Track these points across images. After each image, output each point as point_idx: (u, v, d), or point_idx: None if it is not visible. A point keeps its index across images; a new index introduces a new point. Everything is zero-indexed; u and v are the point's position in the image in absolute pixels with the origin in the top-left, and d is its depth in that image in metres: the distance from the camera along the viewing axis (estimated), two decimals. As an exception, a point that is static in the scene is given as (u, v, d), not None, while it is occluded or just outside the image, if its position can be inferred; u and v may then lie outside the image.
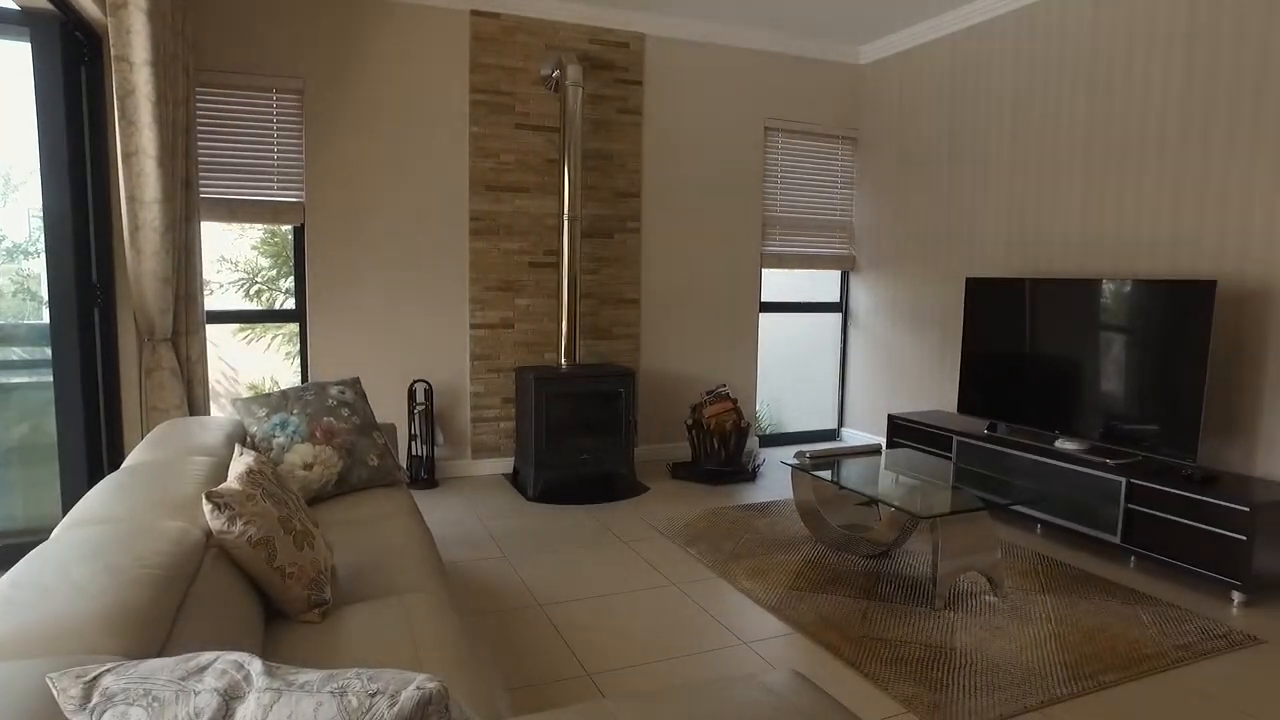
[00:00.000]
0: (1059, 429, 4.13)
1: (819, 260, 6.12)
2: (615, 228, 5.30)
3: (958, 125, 5.20)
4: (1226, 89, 3.72)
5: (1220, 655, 2.83)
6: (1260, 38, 3.59)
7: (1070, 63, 4.45)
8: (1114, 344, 3.92)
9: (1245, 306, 3.67)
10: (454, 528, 4.05)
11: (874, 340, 6.01)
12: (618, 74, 5.21)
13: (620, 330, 5.39)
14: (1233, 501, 3.25)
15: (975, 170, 5.08)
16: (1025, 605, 3.18)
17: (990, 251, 4.98)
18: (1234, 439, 3.73)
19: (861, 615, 3.06)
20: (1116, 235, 4.22)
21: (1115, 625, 3.02)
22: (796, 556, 3.67)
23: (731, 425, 5.01)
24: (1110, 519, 3.69)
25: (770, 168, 5.83)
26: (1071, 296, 4.13)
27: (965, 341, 4.71)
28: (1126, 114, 4.16)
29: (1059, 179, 4.53)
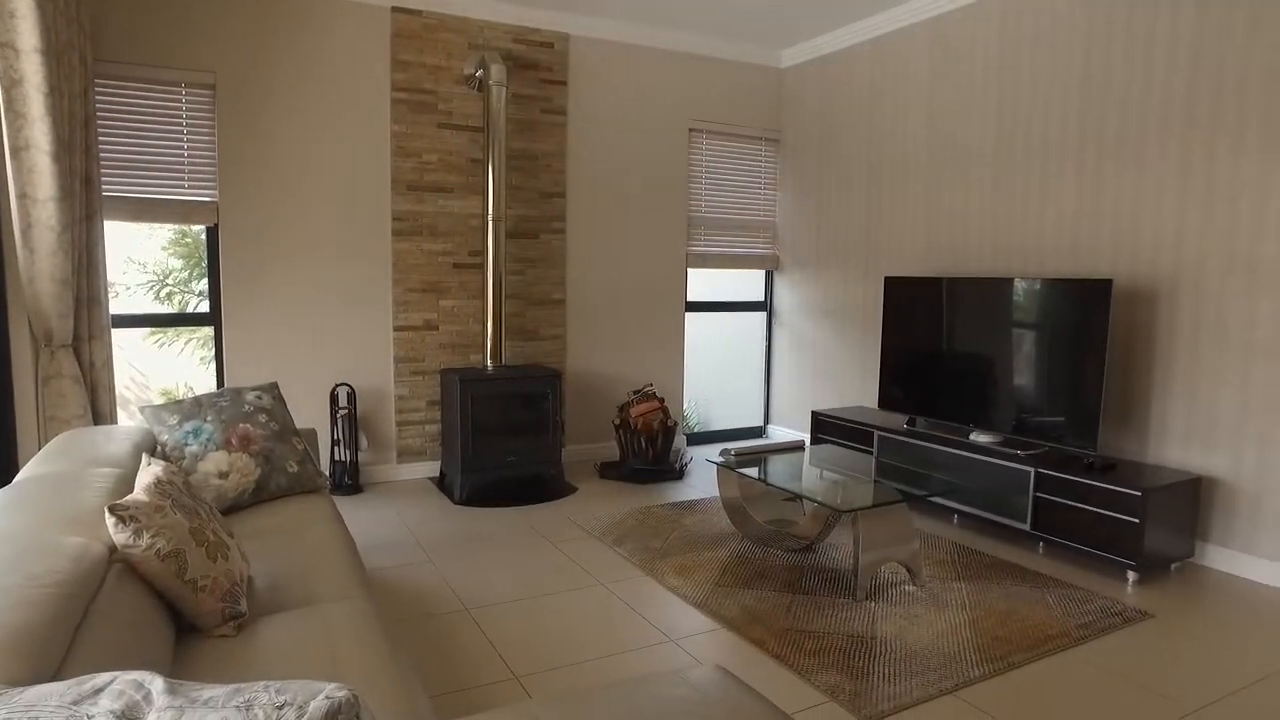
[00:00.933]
0: (973, 422, 4.30)
1: (743, 260, 6.22)
2: (541, 228, 5.28)
3: (876, 129, 5.35)
4: (1117, 103, 3.93)
5: (1117, 631, 3.00)
6: (1144, 57, 3.80)
7: (980, 72, 4.63)
8: (1022, 340, 4.10)
9: (1137, 304, 3.89)
10: (379, 533, 3.97)
11: (798, 338, 6.14)
12: (542, 74, 5.19)
13: (547, 331, 5.37)
14: (1127, 487, 3.44)
15: (893, 172, 5.24)
16: (942, 593, 3.30)
17: (908, 251, 5.14)
18: (1130, 428, 3.95)
19: (786, 608, 3.12)
20: (1024, 237, 4.41)
21: (1024, 608, 3.16)
22: (723, 553, 3.73)
23: (659, 424, 5.05)
24: (1020, 508, 3.86)
25: (694, 169, 5.89)
26: (983, 295, 4.30)
27: (885, 339, 4.85)
28: (1031, 122, 4.35)
29: (971, 182, 4.71)
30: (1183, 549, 3.62)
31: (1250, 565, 3.54)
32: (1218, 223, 3.59)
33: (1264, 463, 3.48)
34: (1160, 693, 2.57)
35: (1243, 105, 3.48)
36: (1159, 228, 3.80)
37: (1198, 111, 3.64)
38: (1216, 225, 3.59)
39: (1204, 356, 3.66)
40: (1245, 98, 3.47)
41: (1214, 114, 3.58)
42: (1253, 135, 3.46)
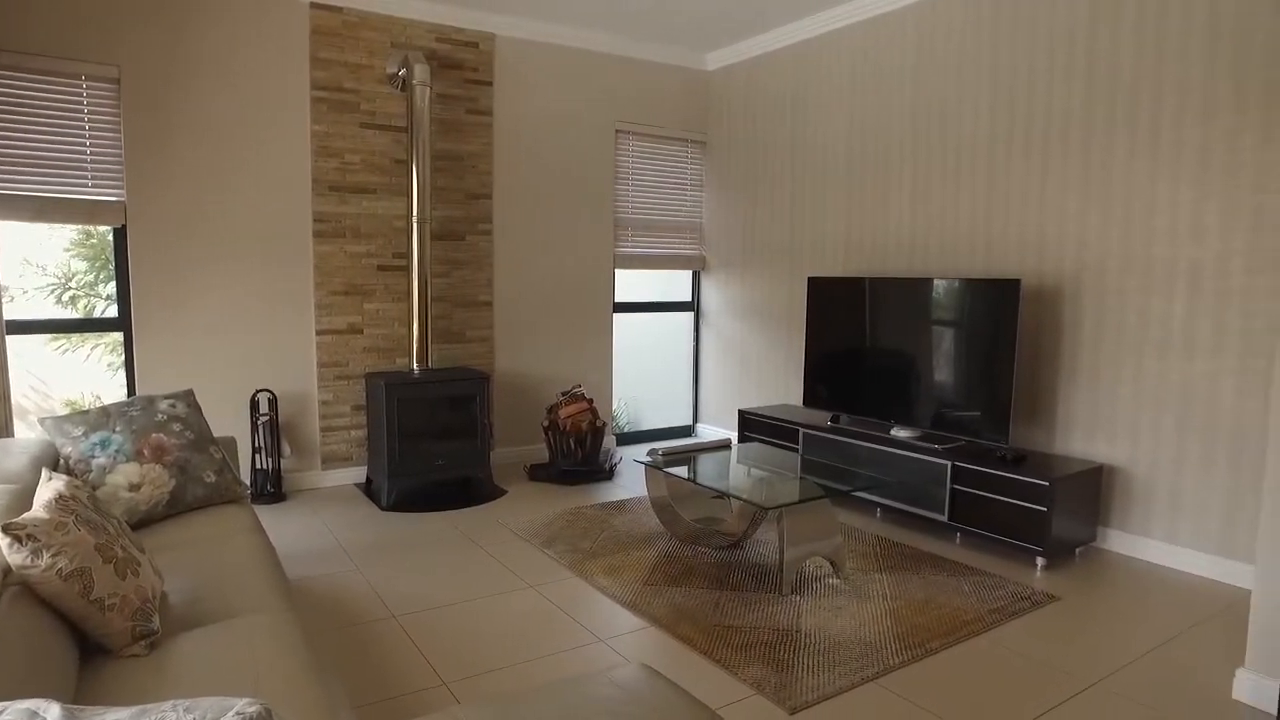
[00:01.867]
0: (894, 418, 4.44)
1: (671, 261, 6.28)
2: (467, 230, 5.23)
3: (799, 132, 5.47)
4: (1022, 109, 4.12)
5: (1026, 614, 3.14)
6: (1046, 67, 3.99)
7: (896, 78, 4.78)
8: (938, 338, 4.25)
9: (1044, 303, 4.08)
10: (304, 542, 3.88)
11: (725, 338, 6.23)
12: (467, 74, 5.14)
13: (474, 333, 5.33)
14: (1035, 478, 3.60)
15: (816, 174, 5.36)
16: (865, 585, 3.40)
17: (831, 252, 5.28)
18: (1039, 421, 4.14)
19: (714, 605, 3.17)
20: (940, 237, 4.57)
21: (941, 597, 3.29)
22: (652, 552, 3.76)
23: (587, 425, 5.06)
24: (939, 500, 4.01)
25: (622, 170, 5.92)
26: (901, 295, 4.45)
27: (808, 338, 4.97)
28: (944, 127, 4.52)
29: (889, 184, 4.86)
30: (1086, 534, 3.82)
31: (1145, 547, 3.75)
32: (1114, 226, 3.79)
33: (1156, 452, 3.70)
34: (1063, 670, 2.71)
35: (1135, 115, 3.69)
36: (1063, 230, 3.99)
37: (1095, 120, 3.83)
38: (1113, 228, 3.79)
39: (1104, 352, 3.86)
40: (1138, 108, 3.68)
41: (1109, 123, 3.78)
42: (1143, 144, 3.66)
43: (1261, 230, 3.33)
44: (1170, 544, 3.67)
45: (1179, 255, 3.58)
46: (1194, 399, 3.57)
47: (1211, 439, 3.52)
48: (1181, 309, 3.59)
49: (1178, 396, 3.62)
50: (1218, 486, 3.51)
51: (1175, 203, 3.58)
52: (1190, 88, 3.51)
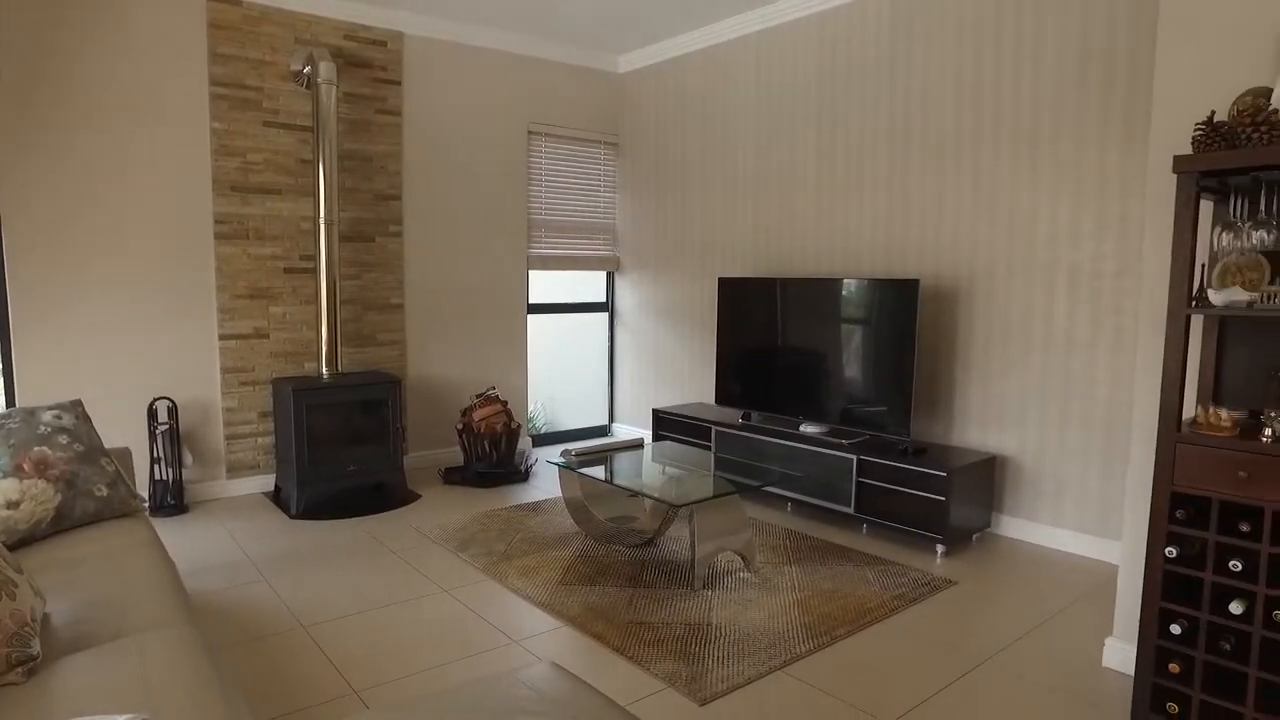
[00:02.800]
0: (803, 415, 4.58)
1: (585, 262, 6.30)
2: (376, 231, 5.14)
3: (708, 134, 5.57)
4: (918, 116, 4.31)
5: (926, 599, 3.30)
6: (939, 76, 4.19)
7: (800, 83, 4.92)
8: (844, 337, 4.41)
9: (941, 302, 4.28)
10: (207, 555, 3.75)
11: (639, 338, 6.29)
12: (375, 73, 5.05)
13: (385, 336, 5.24)
14: (935, 469, 3.78)
15: (725, 178, 5.47)
16: (774, 577, 3.51)
17: (741, 253, 5.40)
18: (938, 414, 4.34)
19: (627, 602, 3.22)
20: (844, 239, 4.73)
21: (847, 586, 3.42)
22: (567, 552, 3.79)
23: (502, 427, 5.04)
24: (845, 492, 4.15)
25: (534, 171, 5.91)
26: (808, 295, 4.58)
27: (720, 337, 5.07)
28: (847, 131, 4.68)
29: (795, 187, 5.00)
30: (982, 520, 4.02)
31: (1034, 530, 3.98)
32: (1002, 231, 4.01)
33: (1042, 441, 3.93)
34: (958, 649, 2.86)
35: (1018, 129, 3.91)
36: (957, 234, 4.19)
37: (983, 133, 4.04)
38: (1001, 233, 4.01)
39: (994, 348, 4.08)
40: (1020, 123, 3.90)
41: (995, 136, 3.99)
42: (1025, 156, 3.89)
43: (1127, 235, 3.58)
44: (1055, 527, 3.91)
45: (1058, 258, 3.81)
46: (1073, 390, 3.81)
47: (1088, 427, 3.76)
48: (1062, 307, 3.82)
49: (1059, 388, 3.85)
50: (1095, 471, 3.75)
51: (1054, 210, 3.81)
52: (1064, 106, 3.74)
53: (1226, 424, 2.12)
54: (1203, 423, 2.17)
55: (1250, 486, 2.05)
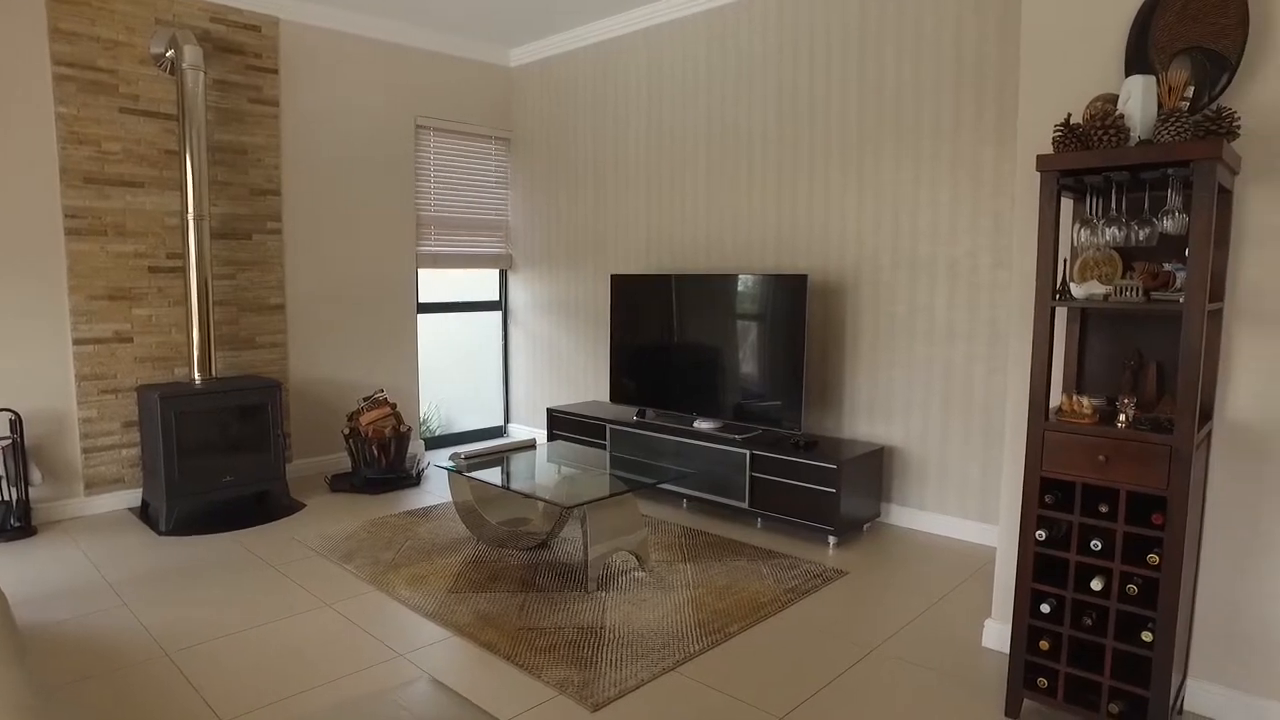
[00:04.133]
0: (697, 411, 4.59)
1: (477, 259, 6.16)
2: (253, 228, 4.86)
3: (600, 130, 5.53)
4: (805, 121, 4.38)
5: (818, 591, 3.35)
6: (824, 75, 4.27)
7: (690, 80, 4.94)
8: (736, 332, 4.44)
9: (830, 296, 4.36)
10: (54, 581, 3.45)
11: (534, 337, 6.19)
12: (249, 60, 4.77)
13: (265, 339, 4.97)
14: (825, 461, 3.85)
15: (618, 173, 5.44)
16: (669, 576, 3.49)
17: (634, 249, 5.37)
18: (830, 407, 4.43)
19: (519, 608, 3.14)
20: (735, 234, 4.77)
21: (742, 581, 3.43)
22: (458, 558, 3.67)
23: (391, 431, 4.86)
24: (739, 487, 4.18)
25: (423, 166, 5.73)
26: (700, 290, 4.60)
27: (613, 335, 5.04)
28: (736, 128, 4.72)
29: (687, 183, 5.01)
30: (872, 510, 4.12)
31: (921, 518, 4.11)
32: (886, 226, 4.12)
33: (926, 431, 4.06)
34: (848, 639, 2.91)
35: (900, 127, 4.02)
36: (844, 229, 4.28)
37: (867, 129, 4.14)
38: (886, 228, 4.12)
39: (881, 341, 4.19)
40: (902, 121, 4.01)
41: (878, 133, 4.10)
42: (908, 154, 4.00)
43: (1000, 231, 3.73)
44: (941, 514, 4.04)
45: (939, 253, 3.94)
46: (954, 381, 3.95)
47: (968, 416, 3.91)
48: (943, 300, 3.95)
49: (942, 379, 3.99)
50: (975, 458, 3.90)
51: (935, 206, 3.94)
52: (942, 106, 3.87)
53: (1088, 411, 2.22)
54: (1067, 410, 2.26)
55: (1108, 470, 2.15)
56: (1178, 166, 2.02)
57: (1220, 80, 2.28)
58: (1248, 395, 2.31)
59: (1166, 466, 2.06)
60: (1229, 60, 2.27)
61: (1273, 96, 2.23)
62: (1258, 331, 2.28)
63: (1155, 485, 2.08)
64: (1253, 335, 2.29)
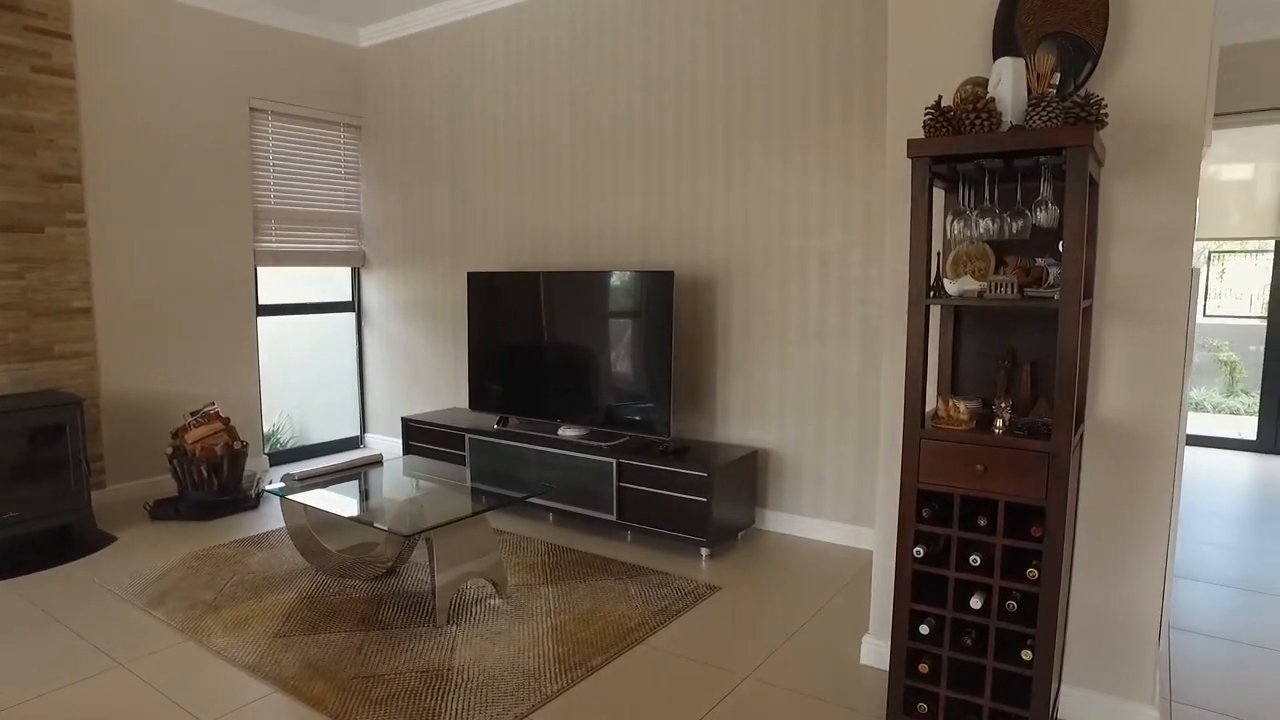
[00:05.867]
0: (561, 417, 4.30)
1: (327, 257, 5.65)
2: (46, 220, 4.21)
3: (458, 119, 5.14)
4: (672, 111, 4.16)
5: (689, 610, 3.12)
6: (691, 65, 4.06)
7: (553, 66, 4.63)
8: (600, 333, 4.17)
9: (700, 294, 4.17)
10: None
11: (390, 340, 5.74)
12: (29, 20, 4.10)
13: (67, 348, 4.32)
14: (695, 469, 3.64)
15: (476, 165, 5.07)
16: (528, 602, 3.18)
17: (494, 245, 5.02)
18: (701, 410, 4.23)
19: (357, 651, 2.76)
20: (601, 231, 4.51)
21: (608, 604, 3.17)
22: (291, 593, 3.24)
23: (222, 448, 4.33)
24: (607, 499, 3.92)
25: (260, 153, 5.18)
26: (563, 289, 4.31)
27: (472, 337, 4.68)
28: (601, 119, 4.45)
29: (549, 175, 4.71)
30: (746, 518, 3.95)
31: (797, 523, 3.97)
32: (756, 219, 3.95)
33: (800, 433, 3.92)
34: (720, 665, 2.69)
35: (769, 118, 3.86)
36: (712, 223, 4.09)
37: (735, 120, 3.96)
38: (755, 222, 3.95)
39: (753, 340, 4.02)
40: (770, 111, 3.85)
41: (747, 123, 3.93)
42: (777, 144, 3.85)
43: (871, 225, 3.62)
44: (817, 518, 3.92)
45: (810, 247, 3.81)
46: (828, 381, 3.82)
47: (843, 416, 3.80)
48: (815, 297, 3.82)
49: (814, 378, 3.86)
50: (850, 461, 3.79)
51: (805, 199, 3.80)
52: (810, 97, 3.73)
53: (964, 416, 2.07)
54: (943, 415, 2.11)
55: (986, 480, 2.01)
56: (1050, 154, 1.89)
57: (1085, 68, 2.18)
58: (1117, 394, 2.23)
59: (1045, 475, 1.93)
60: (1092, 48, 2.17)
61: (1135, 87, 2.15)
62: (1126, 329, 2.21)
63: (1034, 495, 1.95)
64: (1121, 332, 2.22)
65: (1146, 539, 2.24)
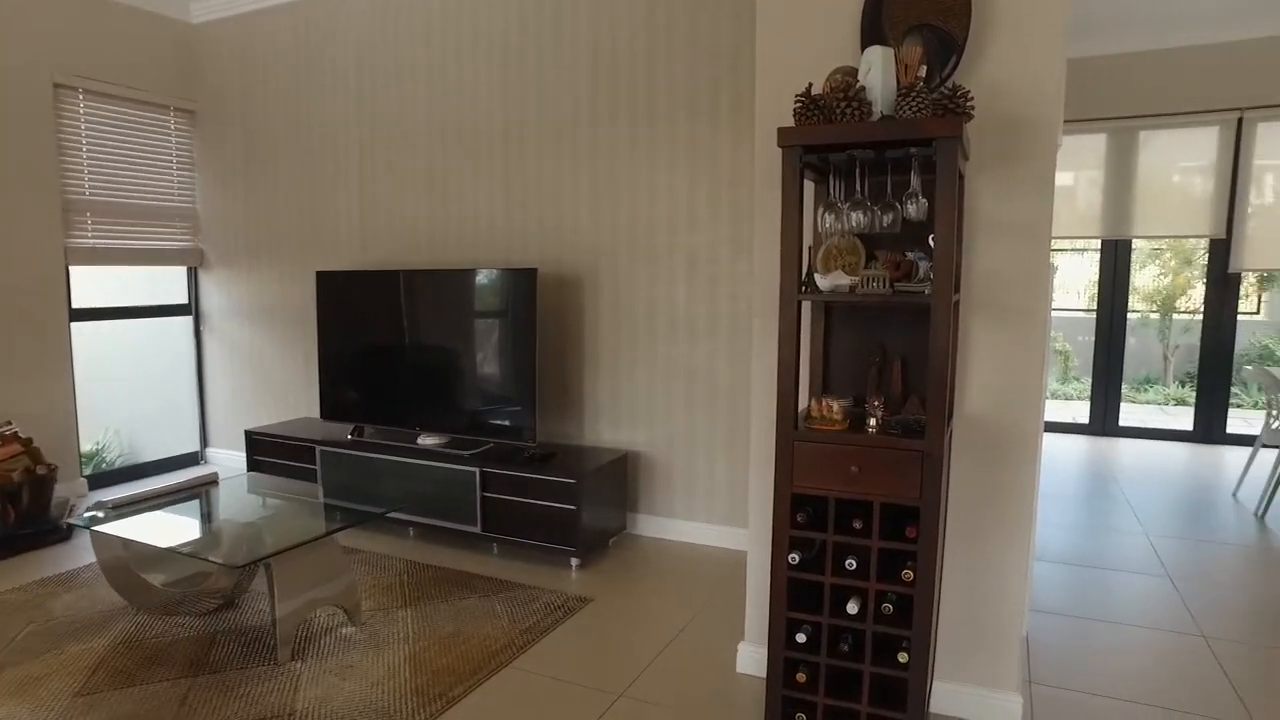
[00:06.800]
0: (420, 425, 4.02)
1: (157, 255, 5.09)
2: None
3: (304, 106, 4.75)
4: (534, 100, 3.97)
5: (560, 626, 2.95)
6: (553, 59, 3.89)
7: (407, 55, 4.34)
8: (461, 334, 3.93)
9: (566, 292, 4.00)
10: None
11: (232, 346, 5.25)
12: None
13: None
14: (563, 475, 3.47)
15: (326, 156, 4.70)
16: (385, 628, 2.92)
17: (347, 243, 4.67)
18: (569, 413, 4.06)
19: (180, 702, 2.42)
20: (460, 227, 4.26)
21: (472, 624, 2.95)
22: (103, 640, 2.83)
23: (23, 474, 3.79)
24: (471, 510, 3.69)
25: (70, 138, 4.59)
26: (420, 288, 4.03)
27: (321, 341, 4.31)
28: (460, 110, 4.20)
29: (405, 168, 4.41)
30: (618, 523, 3.82)
31: (671, 526, 3.87)
32: (623, 214, 3.82)
33: (671, 434, 3.83)
34: (592, 685, 2.53)
35: (635, 108, 3.74)
36: (578, 218, 3.93)
37: (600, 110, 3.82)
38: (622, 217, 3.82)
39: (622, 339, 3.89)
40: (636, 102, 3.73)
41: (613, 114, 3.79)
42: (643, 136, 3.73)
43: (739, 220, 3.57)
44: (690, 520, 3.83)
45: (678, 242, 3.71)
46: (698, 379, 3.74)
47: (713, 416, 3.73)
48: (683, 294, 3.73)
49: (685, 377, 3.77)
50: (722, 460, 3.73)
51: (673, 192, 3.70)
52: (677, 88, 3.63)
53: (838, 416, 2.01)
54: (816, 416, 2.04)
55: (861, 481, 1.95)
56: (920, 145, 1.85)
57: (950, 61, 2.16)
58: (983, 389, 2.24)
59: (919, 474, 1.88)
60: (957, 41, 2.16)
61: (996, 82, 2.15)
62: (991, 323, 2.21)
63: (908, 495, 1.90)
64: (987, 327, 2.22)
65: (1014, 530, 2.25)
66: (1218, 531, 4.07)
